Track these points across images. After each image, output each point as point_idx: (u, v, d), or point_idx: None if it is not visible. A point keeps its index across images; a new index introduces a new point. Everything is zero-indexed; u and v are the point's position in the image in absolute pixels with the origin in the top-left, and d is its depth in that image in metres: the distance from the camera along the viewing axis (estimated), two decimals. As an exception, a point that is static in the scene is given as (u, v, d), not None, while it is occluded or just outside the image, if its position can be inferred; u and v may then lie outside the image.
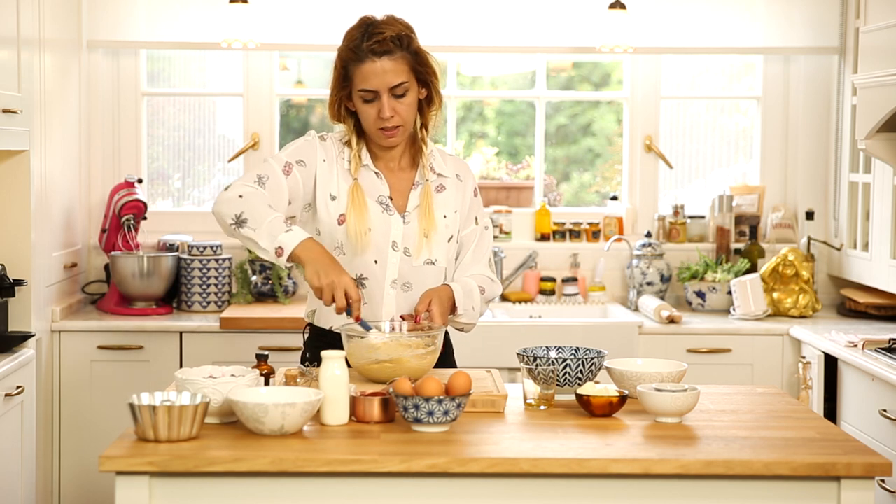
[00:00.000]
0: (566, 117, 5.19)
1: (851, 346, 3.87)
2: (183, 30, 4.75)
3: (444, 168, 2.93)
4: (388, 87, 2.77)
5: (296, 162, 2.83)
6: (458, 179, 2.96)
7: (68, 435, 4.26)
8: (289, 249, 2.64)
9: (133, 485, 2.15)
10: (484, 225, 3.00)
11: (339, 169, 2.87)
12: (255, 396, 2.35)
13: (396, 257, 2.85)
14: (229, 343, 4.28)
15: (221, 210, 2.71)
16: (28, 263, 3.85)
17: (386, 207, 2.86)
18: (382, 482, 2.18)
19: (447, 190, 2.92)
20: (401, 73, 2.78)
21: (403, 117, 2.81)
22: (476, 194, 3.00)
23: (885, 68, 3.88)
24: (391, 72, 2.77)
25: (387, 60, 2.76)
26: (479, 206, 3.00)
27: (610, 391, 2.50)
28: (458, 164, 2.99)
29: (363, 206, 2.82)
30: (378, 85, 2.77)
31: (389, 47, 2.76)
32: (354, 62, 2.78)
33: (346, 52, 2.80)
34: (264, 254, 2.66)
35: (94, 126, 4.80)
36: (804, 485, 2.19)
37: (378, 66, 2.76)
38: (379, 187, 2.87)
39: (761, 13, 4.85)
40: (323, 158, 2.86)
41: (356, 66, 2.78)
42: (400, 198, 2.89)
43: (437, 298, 2.78)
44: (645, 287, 4.80)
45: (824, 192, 4.92)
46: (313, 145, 2.87)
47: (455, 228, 2.92)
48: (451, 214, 2.91)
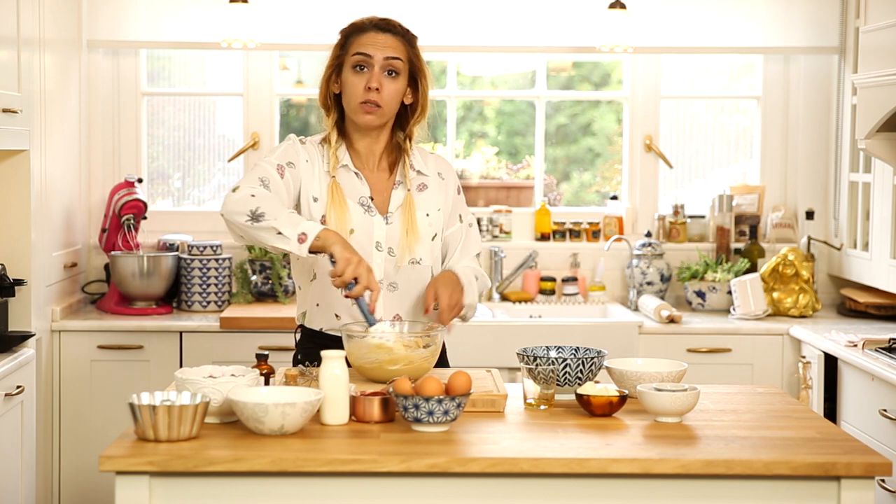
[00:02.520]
0: (566, 117, 5.19)
1: (851, 345, 3.87)
2: (183, 29, 4.75)
3: (424, 167, 2.93)
4: (384, 57, 2.81)
5: (286, 164, 2.83)
6: (440, 178, 2.96)
7: (68, 435, 4.26)
8: (313, 234, 2.59)
9: (133, 485, 2.15)
10: (468, 223, 3.00)
11: (319, 171, 2.87)
12: (255, 396, 2.35)
13: (381, 258, 2.85)
14: (229, 343, 4.28)
15: (234, 209, 2.66)
16: (28, 263, 3.85)
17: (368, 208, 2.86)
18: (382, 482, 2.18)
19: (429, 189, 2.92)
20: (398, 50, 2.84)
21: (386, 99, 2.82)
22: (459, 192, 3.00)
23: (885, 68, 3.88)
24: (390, 46, 2.83)
25: (390, 36, 2.83)
26: (462, 204, 3.00)
27: (610, 391, 2.50)
28: (439, 163, 2.99)
29: (343, 204, 2.82)
30: (374, 52, 2.81)
31: (395, 28, 2.85)
32: (356, 33, 2.85)
33: (350, 28, 2.87)
34: (284, 242, 2.60)
35: (94, 126, 4.80)
36: (804, 485, 2.19)
37: (380, 37, 2.83)
38: (359, 188, 2.87)
39: (761, 13, 4.85)
40: (305, 159, 2.87)
41: (356, 36, 2.84)
42: (381, 198, 2.89)
43: (442, 285, 2.78)
44: (645, 287, 4.80)
45: (824, 191, 4.92)
46: (296, 147, 2.88)
47: (439, 227, 2.92)
48: (433, 213, 2.91)
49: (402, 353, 2.61)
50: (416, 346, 2.63)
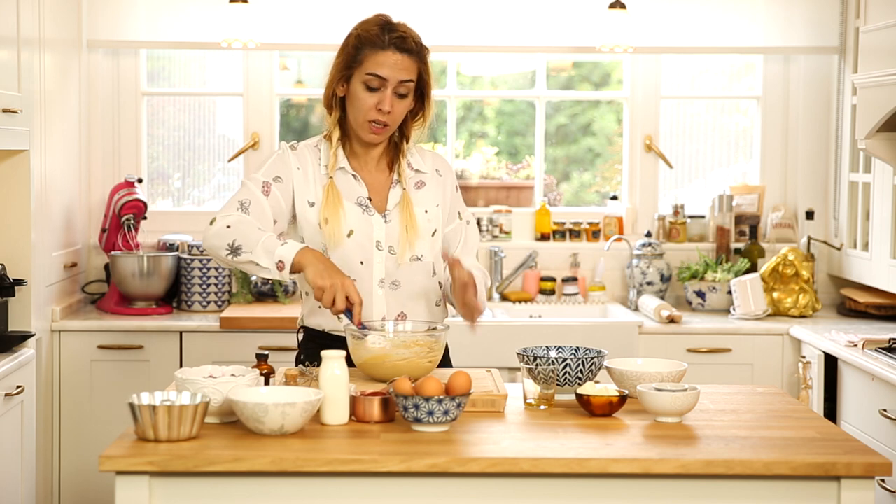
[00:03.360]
0: (566, 117, 5.19)
1: (851, 345, 3.87)
2: (183, 29, 4.75)
3: (421, 164, 2.94)
4: (398, 81, 2.79)
5: (272, 180, 2.84)
6: (437, 174, 2.97)
7: (68, 435, 4.26)
8: (289, 260, 2.66)
9: (133, 485, 2.15)
10: (466, 220, 3.01)
11: (314, 174, 2.87)
12: (255, 396, 2.35)
13: (382, 257, 2.86)
14: (229, 343, 4.28)
15: (213, 244, 2.73)
16: (28, 263, 3.85)
17: (366, 208, 2.86)
18: (382, 482, 2.18)
19: (427, 185, 2.93)
20: (412, 72, 2.82)
21: (395, 118, 2.84)
22: (457, 189, 3.01)
23: (885, 68, 3.88)
24: (406, 69, 2.80)
25: (406, 57, 2.80)
26: (460, 201, 3.02)
27: (610, 391, 2.50)
28: (436, 160, 3.00)
29: (339, 204, 2.83)
30: (390, 75, 2.79)
31: (411, 46, 2.81)
32: (372, 47, 2.80)
33: (366, 36, 2.81)
34: (266, 273, 2.68)
35: (94, 126, 4.80)
36: (804, 485, 2.19)
37: (398, 58, 2.79)
38: (357, 189, 2.88)
39: (761, 13, 4.85)
40: (297, 167, 2.87)
41: (373, 51, 2.79)
42: (379, 197, 2.90)
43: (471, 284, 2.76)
44: (645, 287, 4.80)
45: (824, 191, 4.92)
46: (285, 158, 2.88)
47: (438, 223, 2.93)
48: (432, 209, 2.92)
49: (405, 352, 2.61)
50: (419, 346, 2.63)
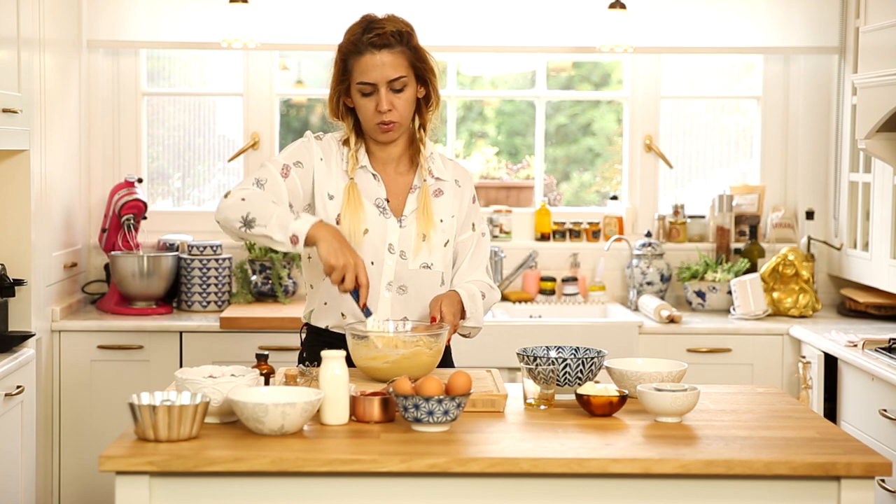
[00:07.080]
0: (566, 117, 5.19)
1: (851, 345, 3.87)
2: (183, 29, 4.75)
3: (443, 172, 2.94)
4: (387, 81, 2.78)
5: (293, 164, 2.84)
6: (456, 185, 2.96)
7: (68, 435, 4.26)
8: (303, 234, 2.64)
9: (133, 484, 2.15)
10: (481, 231, 3.01)
11: (336, 168, 2.88)
12: (255, 396, 2.35)
13: (392, 260, 2.86)
14: (229, 343, 4.28)
15: (227, 216, 2.71)
16: (28, 263, 3.85)
17: (383, 210, 2.86)
18: (382, 482, 2.18)
19: (445, 195, 2.93)
20: (399, 67, 2.79)
21: (401, 113, 2.82)
22: (474, 201, 3.01)
23: (885, 68, 3.88)
24: (390, 65, 2.78)
25: (386, 53, 2.78)
26: (476, 213, 3.01)
27: (610, 391, 2.50)
28: (457, 170, 2.99)
29: (359, 205, 2.83)
30: (376, 78, 2.78)
31: (389, 41, 2.78)
32: (354, 55, 2.80)
33: (347, 45, 2.82)
34: (280, 246, 2.66)
35: (94, 126, 4.80)
36: (804, 485, 2.19)
37: (377, 58, 2.77)
38: (376, 189, 2.88)
39: (761, 13, 4.85)
40: (320, 157, 2.87)
41: (355, 59, 2.80)
42: (397, 201, 2.90)
43: (447, 301, 2.80)
44: (645, 287, 4.80)
45: (824, 191, 4.92)
46: (309, 145, 2.88)
47: (451, 233, 2.93)
48: (447, 219, 2.92)
49: (405, 352, 2.61)
50: (419, 346, 2.63)
